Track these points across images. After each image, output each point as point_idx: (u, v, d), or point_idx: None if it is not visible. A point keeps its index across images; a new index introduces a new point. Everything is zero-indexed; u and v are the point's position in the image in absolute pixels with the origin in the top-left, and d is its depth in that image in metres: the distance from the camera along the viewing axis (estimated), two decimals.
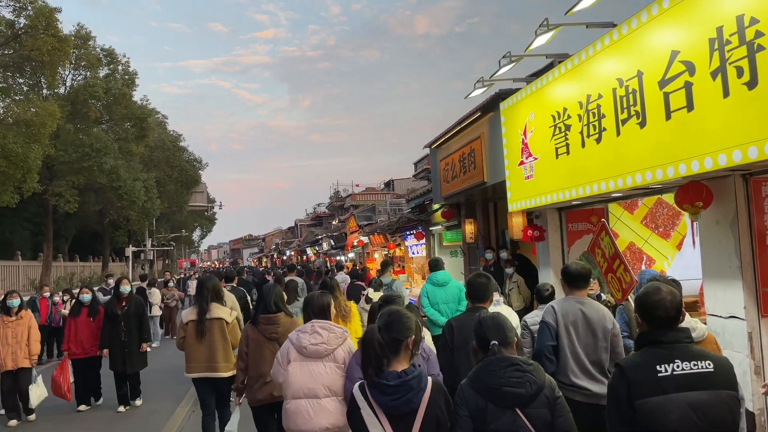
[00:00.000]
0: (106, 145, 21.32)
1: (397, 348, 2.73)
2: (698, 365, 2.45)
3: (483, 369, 2.65)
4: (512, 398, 2.55)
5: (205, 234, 67.09)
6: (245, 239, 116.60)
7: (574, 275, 4.13)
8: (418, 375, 2.67)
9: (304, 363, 3.74)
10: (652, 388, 2.43)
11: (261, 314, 4.78)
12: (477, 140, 9.71)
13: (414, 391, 2.63)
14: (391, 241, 21.17)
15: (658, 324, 2.56)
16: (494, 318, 2.81)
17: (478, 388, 2.60)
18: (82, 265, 32.07)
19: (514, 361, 2.62)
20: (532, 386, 2.56)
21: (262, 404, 4.70)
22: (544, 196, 7.51)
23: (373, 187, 50.51)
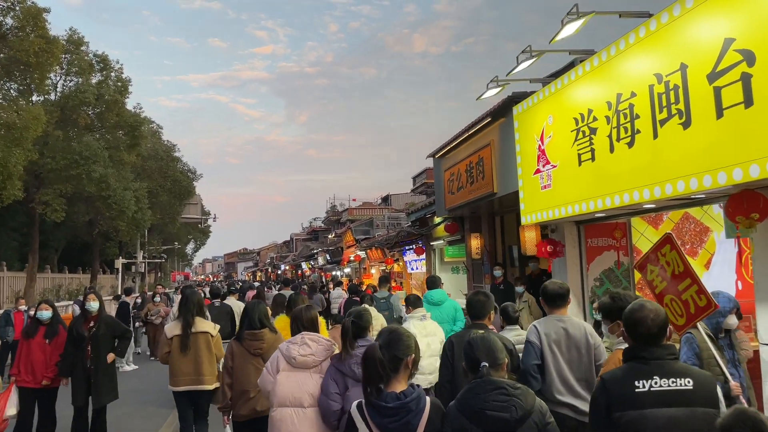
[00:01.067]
0: (96, 152, 20.58)
1: (397, 367, 2.71)
2: (677, 382, 2.48)
3: (469, 391, 2.58)
4: (496, 422, 2.46)
5: (199, 247, 66.12)
6: (240, 253, 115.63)
7: (553, 295, 4.15)
8: (417, 396, 2.65)
9: (292, 373, 3.82)
10: (630, 403, 2.49)
11: (246, 330, 4.82)
12: (486, 148, 9.04)
13: (413, 413, 2.60)
14: (389, 256, 20.43)
15: (642, 340, 2.61)
16: (484, 339, 2.73)
17: (464, 410, 2.54)
18: (70, 276, 31.14)
19: (499, 385, 2.54)
20: (518, 411, 2.47)
21: (246, 419, 4.71)
22: (563, 207, 6.81)
23: (370, 202, 49.86)
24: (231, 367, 4.74)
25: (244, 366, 4.72)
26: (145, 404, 9.26)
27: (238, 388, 4.71)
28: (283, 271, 55.26)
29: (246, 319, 4.89)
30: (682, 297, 3.94)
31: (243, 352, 4.76)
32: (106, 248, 36.20)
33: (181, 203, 32.36)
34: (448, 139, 10.71)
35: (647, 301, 2.73)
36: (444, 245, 15.01)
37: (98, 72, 23.08)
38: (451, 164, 10.85)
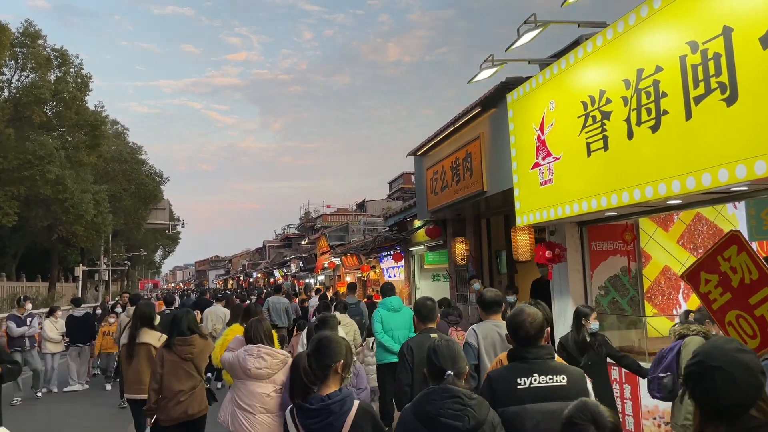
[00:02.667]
0: (51, 152, 19.28)
1: (326, 373, 2.75)
2: (553, 379, 2.72)
3: (425, 397, 2.60)
4: (448, 430, 2.48)
5: (168, 254, 64.17)
6: (211, 260, 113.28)
7: (489, 302, 4.38)
8: (341, 399, 2.67)
9: (246, 381, 4.15)
10: (511, 399, 2.70)
11: (176, 337, 4.94)
12: (475, 142, 8.15)
13: (335, 415, 2.64)
14: (365, 263, 19.43)
15: (522, 342, 2.86)
16: (449, 347, 2.75)
17: (419, 415, 2.56)
18: (28, 285, 29.44)
19: (456, 393, 2.55)
20: (470, 421, 2.48)
21: (176, 422, 4.84)
22: (566, 205, 5.94)
23: (345, 208, 48.81)
24: (160, 374, 4.86)
25: (176, 371, 4.86)
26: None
27: (168, 393, 4.82)
28: (255, 279, 53.83)
29: (175, 327, 5.00)
30: (756, 312, 3.03)
31: (174, 358, 4.89)
32: (66, 255, 34.46)
33: (147, 208, 30.88)
34: (431, 134, 9.81)
35: (527, 306, 2.99)
36: (424, 251, 14.09)
37: (56, 68, 21.76)
38: (434, 162, 9.95)
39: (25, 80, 21.02)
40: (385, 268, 18.12)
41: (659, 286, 6.92)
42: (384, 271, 18.24)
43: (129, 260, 44.18)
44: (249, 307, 5.87)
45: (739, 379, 1.65)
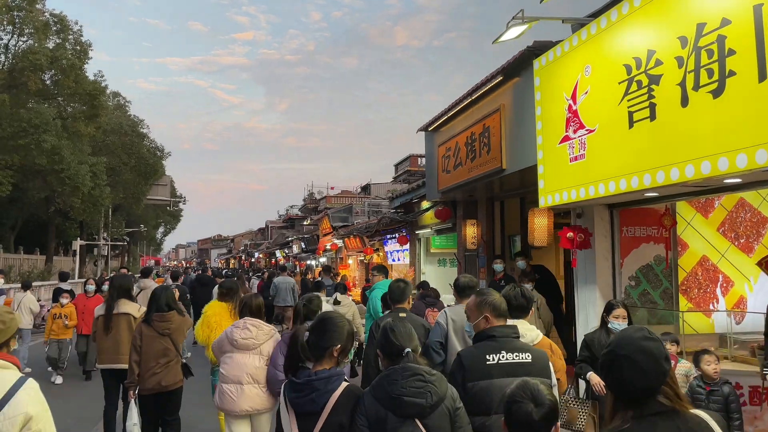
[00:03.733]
0: (47, 121, 18.60)
1: (321, 354, 2.71)
2: (519, 356, 2.95)
3: (386, 378, 2.58)
4: (412, 408, 2.51)
5: (169, 231, 63.70)
6: (214, 239, 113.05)
7: (463, 286, 4.53)
8: (327, 377, 2.63)
9: (234, 354, 4.34)
10: (481, 374, 2.89)
11: (154, 313, 5.12)
12: (494, 115, 7.44)
13: (319, 392, 2.60)
14: (368, 246, 18.79)
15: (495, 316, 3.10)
16: (405, 325, 2.77)
17: (379, 397, 2.56)
18: (25, 257, 28.92)
19: (417, 371, 2.57)
20: (432, 397, 2.52)
21: (150, 393, 5.02)
22: (600, 184, 5.25)
23: (349, 190, 48.08)
24: (139, 346, 5.02)
25: (153, 345, 5.02)
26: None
27: (144, 365, 4.98)
28: (256, 259, 53.37)
29: (154, 302, 5.19)
30: None
31: (152, 333, 5.06)
32: (66, 228, 33.95)
33: (147, 183, 30.22)
34: (444, 108, 9.09)
35: (493, 290, 3.24)
36: (431, 234, 13.42)
37: (55, 34, 20.98)
38: (447, 138, 9.24)
39: (22, 46, 20.29)
40: (389, 251, 17.47)
41: (695, 277, 6.25)
42: (388, 255, 17.60)
43: (129, 236, 43.66)
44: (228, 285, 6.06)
45: (644, 366, 1.76)
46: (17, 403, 2.47)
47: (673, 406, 1.78)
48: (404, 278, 4.92)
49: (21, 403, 2.47)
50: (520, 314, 3.80)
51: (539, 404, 1.98)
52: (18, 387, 2.51)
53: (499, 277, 8.39)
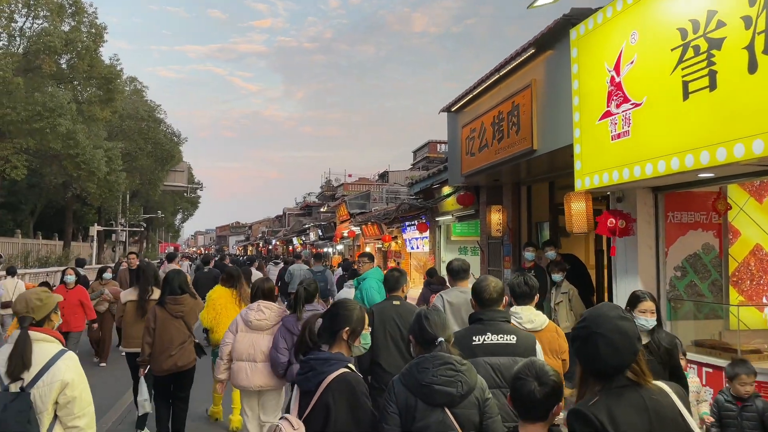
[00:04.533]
0: (62, 104, 18.31)
1: (332, 337, 2.77)
2: (504, 338, 3.19)
3: (416, 366, 2.63)
4: (442, 397, 2.54)
5: (187, 218, 63.82)
6: (232, 226, 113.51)
7: (457, 269, 4.76)
8: (326, 359, 2.69)
9: (249, 333, 4.67)
10: (467, 353, 2.98)
11: (167, 296, 5.32)
12: (525, 91, 6.90)
13: (314, 372, 2.65)
14: (386, 233, 18.34)
15: (484, 304, 3.35)
16: (439, 315, 2.83)
17: (409, 384, 2.60)
18: (43, 243, 28.94)
19: (447, 360, 2.60)
20: (463, 386, 2.56)
21: (167, 373, 5.24)
22: (648, 163, 4.72)
23: (366, 178, 47.62)
24: (153, 329, 5.23)
25: (167, 327, 5.23)
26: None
27: (160, 347, 5.20)
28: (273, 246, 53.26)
29: (167, 286, 5.39)
30: None
31: (165, 315, 5.26)
32: (84, 214, 33.98)
33: (164, 169, 30.03)
34: (469, 86, 8.55)
35: (489, 276, 3.53)
36: (452, 221, 12.91)
37: (70, 17, 20.68)
38: (471, 118, 8.71)
39: (36, 29, 20.03)
40: (407, 239, 17.00)
41: (748, 268, 5.69)
42: (407, 242, 17.13)
43: (148, 222, 43.71)
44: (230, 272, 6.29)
45: (619, 345, 1.91)
46: (56, 371, 2.79)
47: (638, 380, 1.92)
48: (399, 268, 5.38)
49: (59, 371, 2.80)
50: (525, 301, 3.91)
51: (542, 383, 2.07)
52: (57, 358, 2.83)
53: (528, 266, 7.88)
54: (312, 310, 4.48)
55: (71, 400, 2.80)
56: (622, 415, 1.86)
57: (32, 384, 2.74)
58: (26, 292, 3.00)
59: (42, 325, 2.92)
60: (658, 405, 1.91)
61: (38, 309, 2.90)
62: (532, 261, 7.85)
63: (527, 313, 3.84)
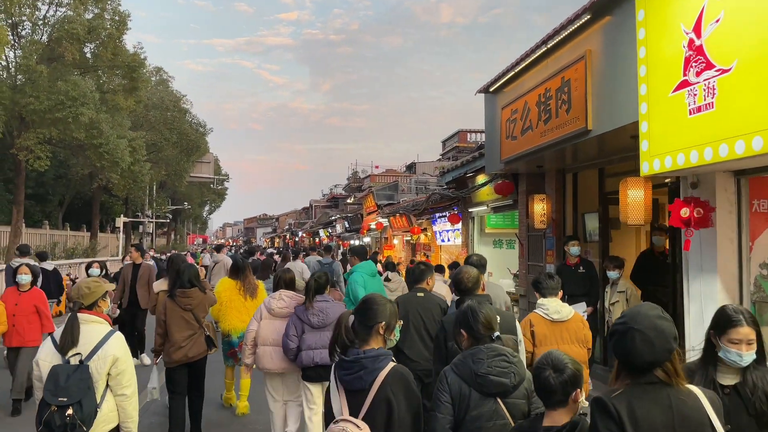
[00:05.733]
0: (85, 93, 17.93)
1: (368, 333, 2.78)
2: None
3: (470, 357, 2.70)
4: (496, 387, 2.63)
5: (214, 209, 63.91)
6: (259, 218, 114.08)
7: (475, 265, 4.72)
8: (375, 356, 2.68)
9: (272, 320, 4.97)
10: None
11: (177, 289, 5.45)
12: (577, 64, 6.12)
13: (367, 370, 2.64)
14: (415, 225, 17.64)
15: (464, 292, 3.79)
16: (490, 309, 2.90)
17: (464, 374, 2.67)
18: (71, 234, 28.92)
19: (501, 352, 2.70)
20: (515, 377, 2.66)
21: (177, 364, 5.36)
22: (739, 141, 3.93)
23: (393, 169, 46.93)
24: (164, 320, 5.35)
25: (176, 319, 5.34)
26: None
27: (171, 338, 5.31)
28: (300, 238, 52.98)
29: (177, 279, 5.49)
30: None
31: (175, 308, 5.36)
32: (111, 205, 33.98)
33: (189, 159, 29.71)
34: (509, 64, 7.78)
35: (466, 266, 4.09)
36: (487, 212, 12.15)
37: (93, 4, 20.32)
38: (512, 98, 7.93)
39: (59, 16, 19.74)
40: (437, 231, 16.28)
41: None
42: (437, 235, 16.42)
43: (175, 214, 43.69)
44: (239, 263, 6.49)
45: (654, 341, 1.95)
46: (108, 347, 3.30)
47: (668, 380, 1.96)
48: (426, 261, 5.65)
49: (111, 347, 3.32)
50: (552, 293, 4.41)
51: (558, 371, 2.25)
52: (109, 336, 3.35)
53: (574, 262, 7.10)
54: (322, 300, 4.78)
55: (121, 372, 3.34)
56: (641, 409, 1.91)
57: (89, 358, 3.26)
58: (79, 282, 3.56)
59: (92, 309, 3.44)
60: (683, 406, 1.92)
61: (87, 296, 3.42)
62: (577, 256, 7.06)
63: (554, 304, 4.33)
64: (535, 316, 4.40)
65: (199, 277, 5.66)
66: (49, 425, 3.12)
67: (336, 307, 4.73)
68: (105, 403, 3.29)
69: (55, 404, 3.12)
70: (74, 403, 3.13)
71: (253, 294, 6.26)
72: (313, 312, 4.65)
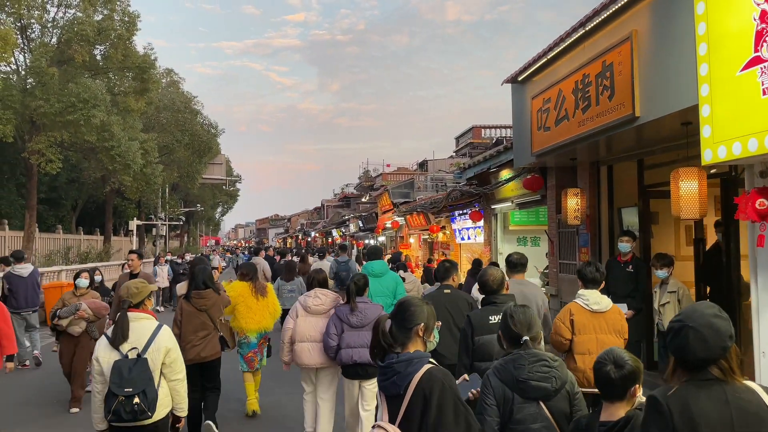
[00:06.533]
0: (96, 95, 17.66)
1: (407, 336, 2.73)
2: None
3: (512, 362, 2.75)
4: (538, 392, 2.68)
5: (226, 211, 63.79)
6: (271, 219, 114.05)
7: (515, 263, 5.10)
8: (408, 360, 2.62)
9: (308, 317, 5.20)
10: (485, 330, 3.73)
11: (193, 290, 5.66)
12: (621, 46, 5.66)
13: (400, 375, 2.60)
14: (434, 223, 17.19)
15: (490, 291, 4.01)
16: (524, 313, 2.92)
17: (506, 379, 2.73)
18: (84, 238, 28.75)
19: (542, 357, 2.74)
20: (557, 381, 2.70)
21: (191, 363, 5.24)
22: None
23: (405, 167, 46.51)
24: (180, 320, 5.54)
25: (191, 320, 5.55)
26: None
27: (185, 338, 5.45)
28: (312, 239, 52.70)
29: (193, 281, 5.75)
30: None
31: (191, 309, 5.59)
32: (124, 209, 33.82)
33: (202, 161, 29.43)
34: (540, 51, 7.32)
35: (489, 266, 4.34)
36: (512, 209, 11.69)
37: (102, 5, 20.05)
38: (544, 87, 7.47)
39: (69, 18, 19.49)
40: (457, 229, 15.84)
41: None
42: (456, 233, 15.97)
43: (188, 216, 43.54)
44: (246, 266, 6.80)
45: (709, 338, 1.97)
46: (160, 339, 3.70)
47: (724, 377, 1.96)
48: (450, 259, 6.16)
49: (163, 339, 3.73)
50: (594, 285, 4.42)
51: (619, 366, 2.41)
52: (159, 330, 3.73)
53: (625, 259, 6.61)
54: (361, 301, 4.94)
55: (174, 360, 3.72)
56: (697, 406, 1.92)
57: (145, 350, 3.59)
58: (127, 282, 3.88)
59: (139, 307, 3.76)
60: (741, 401, 1.94)
61: (135, 295, 3.73)
62: (629, 253, 6.59)
63: (594, 296, 4.39)
64: (575, 306, 4.44)
65: (213, 278, 5.81)
66: (118, 413, 3.47)
67: (374, 308, 4.98)
68: (161, 389, 3.66)
69: (122, 395, 3.46)
70: (139, 392, 3.49)
71: (264, 293, 6.51)
72: (354, 313, 4.88)
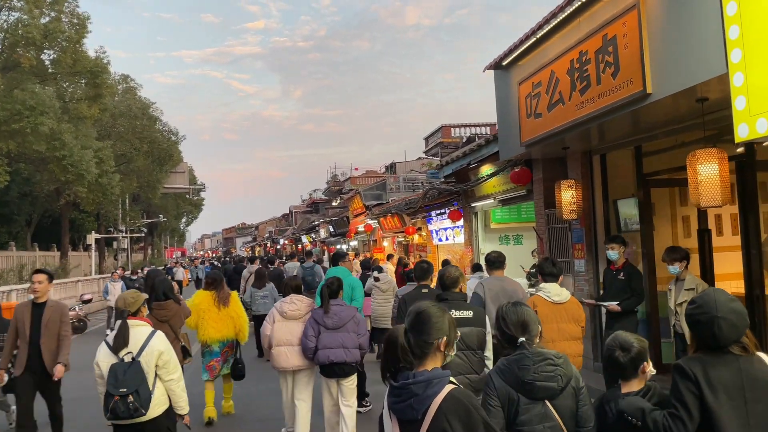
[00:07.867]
0: (44, 102, 16.58)
1: (425, 351, 2.33)
2: (464, 313, 4.10)
3: (515, 363, 2.68)
4: (544, 392, 2.63)
5: (191, 221, 62.12)
6: (238, 228, 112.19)
7: (494, 260, 5.44)
8: (427, 380, 2.24)
9: (285, 322, 5.40)
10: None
11: (154, 302, 5.78)
12: (626, 16, 5.05)
13: (418, 398, 2.22)
14: (409, 224, 16.53)
15: (444, 287, 4.37)
16: (518, 313, 2.84)
17: (510, 381, 2.67)
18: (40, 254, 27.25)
19: (546, 356, 2.69)
20: (562, 379, 2.66)
21: None
22: None
23: (374, 170, 45.93)
24: None
25: None
26: None
27: None
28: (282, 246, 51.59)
29: (153, 293, 5.90)
30: None
31: (152, 320, 5.22)
32: (82, 222, 32.27)
33: (163, 169, 28.24)
34: (527, 31, 6.70)
35: (449, 266, 4.69)
36: (494, 206, 11.08)
37: (48, 6, 18.88)
38: (532, 70, 6.85)
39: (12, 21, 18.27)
40: (434, 229, 15.20)
41: None
42: (433, 234, 15.33)
43: (151, 227, 42.01)
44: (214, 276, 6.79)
45: (737, 323, 2.31)
46: (153, 344, 4.04)
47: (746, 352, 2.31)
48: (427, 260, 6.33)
49: (155, 344, 4.06)
50: (552, 279, 4.78)
51: (625, 350, 2.63)
52: (152, 335, 4.09)
53: (618, 266, 6.02)
54: (335, 304, 5.18)
55: (166, 362, 4.07)
56: (714, 370, 2.29)
57: (139, 354, 3.97)
58: (122, 294, 4.30)
59: (136, 314, 4.18)
60: (752, 368, 2.30)
61: (132, 304, 4.17)
62: (616, 260, 5.98)
63: (554, 288, 4.72)
64: (538, 298, 4.75)
65: (173, 289, 5.95)
66: (115, 411, 3.82)
67: (348, 310, 5.22)
68: (156, 389, 3.98)
69: (117, 394, 3.80)
70: (133, 392, 3.82)
71: (226, 303, 6.55)
72: (329, 315, 5.09)
